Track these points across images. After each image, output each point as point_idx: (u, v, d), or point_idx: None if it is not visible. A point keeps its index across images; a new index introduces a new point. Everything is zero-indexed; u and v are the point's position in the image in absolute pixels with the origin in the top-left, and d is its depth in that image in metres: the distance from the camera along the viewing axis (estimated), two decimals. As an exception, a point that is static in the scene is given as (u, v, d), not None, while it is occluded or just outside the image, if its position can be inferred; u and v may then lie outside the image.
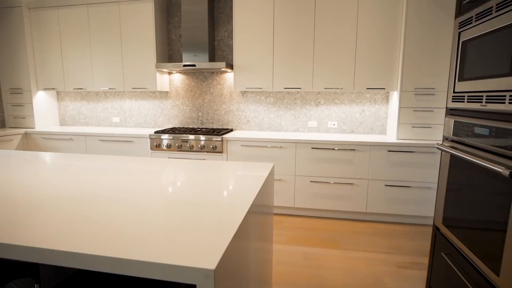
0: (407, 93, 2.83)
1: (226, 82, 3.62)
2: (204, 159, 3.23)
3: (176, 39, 3.69)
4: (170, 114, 3.84)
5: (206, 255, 0.70)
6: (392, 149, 2.77)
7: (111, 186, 1.27)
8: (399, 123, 2.88)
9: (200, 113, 3.74)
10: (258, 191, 1.23)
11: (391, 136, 3.09)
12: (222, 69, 3.27)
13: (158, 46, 3.49)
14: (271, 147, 3.00)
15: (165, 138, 3.23)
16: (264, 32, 3.13)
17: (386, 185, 2.83)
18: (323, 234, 2.67)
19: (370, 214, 2.96)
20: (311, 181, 2.97)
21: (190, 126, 3.80)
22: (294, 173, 2.99)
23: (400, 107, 2.86)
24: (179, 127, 3.69)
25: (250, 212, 1.02)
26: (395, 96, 2.99)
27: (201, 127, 3.76)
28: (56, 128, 3.95)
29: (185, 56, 3.40)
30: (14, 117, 3.95)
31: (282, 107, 3.50)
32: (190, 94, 3.74)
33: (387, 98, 3.24)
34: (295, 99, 3.45)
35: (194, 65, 3.21)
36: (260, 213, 1.25)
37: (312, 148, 2.91)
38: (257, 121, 3.59)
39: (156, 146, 3.26)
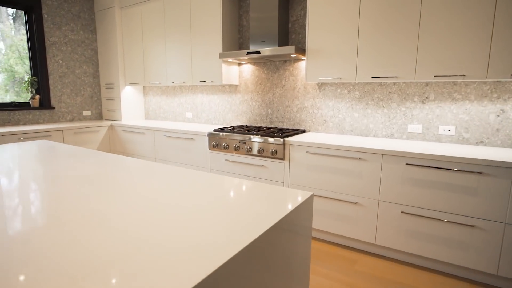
0: None
1: (300, 72, 2.96)
2: (262, 166, 2.69)
3: (248, 25, 3.24)
4: (239, 111, 3.43)
5: None
6: (560, 178, 1.60)
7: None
8: None
9: (269, 110, 3.21)
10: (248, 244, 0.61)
11: (557, 154, 1.85)
12: (292, 55, 2.64)
13: (226, 33, 3.11)
14: (346, 157, 2.21)
15: (223, 137, 2.83)
16: (346, 4, 2.34)
17: (541, 238, 1.68)
18: (415, 296, 1.75)
19: (505, 280, 1.84)
20: (402, 212, 2.05)
21: (258, 125, 3.31)
22: (377, 197, 2.13)
23: None
24: (242, 126, 3.25)
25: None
26: None
27: (269, 126, 3.22)
28: (134, 121, 4.08)
29: (252, 42, 2.91)
30: (108, 110, 4.28)
31: (371, 104, 2.62)
32: (260, 87, 3.24)
33: (553, 92, 1.98)
34: (389, 93, 2.52)
35: (258, 52, 2.68)
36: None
37: (406, 164, 1.99)
38: (336, 122, 2.81)
39: (214, 146, 2.90)
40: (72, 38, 3.98)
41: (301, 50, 2.61)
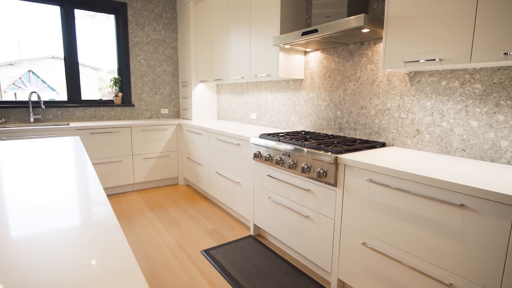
0: None
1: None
2: (308, 190, 1.91)
3: (318, 0, 2.47)
4: (303, 112, 2.70)
5: None
6: None
7: None
8: None
9: (338, 112, 2.36)
10: None
11: None
12: (364, 30, 1.76)
13: (286, 13, 2.44)
14: (436, 199, 1.24)
15: (265, 146, 2.19)
16: None
17: None
18: None
19: None
20: (558, 337, 0.96)
21: (323, 132, 2.50)
22: (497, 286, 1.09)
23: None
24: (300, 132, 2.51)
25: None
26: None
27: (337, 134, 2.38)
28: (203, 121, 3.85)
29: (315, 19, 2.15)
30: (183, 109, 4.23)
31: (506, 106, 1.48)
32: (328, 82, 2.43)
33: None
34: (549, 85, 1.34)
35: (316, 31, 1.91)
36: None
37: None
38: (437, 133, 1.76)
39: (256, 155, 2.29)
40: (154, 38, 4.06)
41: (379, 21, 1.71)
